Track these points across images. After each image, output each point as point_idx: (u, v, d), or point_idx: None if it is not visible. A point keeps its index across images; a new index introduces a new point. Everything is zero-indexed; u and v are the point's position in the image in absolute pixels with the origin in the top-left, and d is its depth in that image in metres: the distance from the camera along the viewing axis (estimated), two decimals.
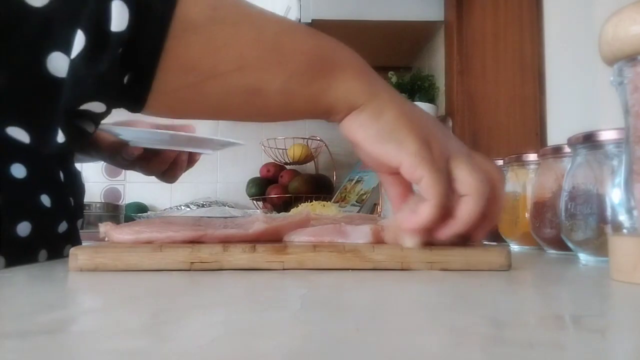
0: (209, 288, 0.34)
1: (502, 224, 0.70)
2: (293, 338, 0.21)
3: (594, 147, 0.50)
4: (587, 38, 0.81)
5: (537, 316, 0.27)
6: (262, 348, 0.19)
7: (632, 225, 0.39)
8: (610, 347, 0.21)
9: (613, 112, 0.45)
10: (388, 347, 0.19)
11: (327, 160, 2.17)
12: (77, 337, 0.22)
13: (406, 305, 0.29)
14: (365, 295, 0.31)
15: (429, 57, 1.73)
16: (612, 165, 0.48)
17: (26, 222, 0.58)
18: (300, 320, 0.24)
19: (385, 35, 1.64)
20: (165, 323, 0.24)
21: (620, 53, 0.38)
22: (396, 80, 1.60)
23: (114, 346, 0.20)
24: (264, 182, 2.09)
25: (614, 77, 0.40)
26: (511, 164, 0.70)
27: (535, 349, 0.20)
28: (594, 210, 0.49)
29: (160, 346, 0.20)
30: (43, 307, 0.27)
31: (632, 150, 0.39)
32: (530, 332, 0.23)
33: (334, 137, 2.23)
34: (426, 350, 0.20)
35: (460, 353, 0.19)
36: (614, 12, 0.38)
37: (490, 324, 0.24)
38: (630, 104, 0.39)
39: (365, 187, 1.87)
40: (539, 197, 0.61)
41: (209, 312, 0.27)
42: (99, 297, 0.32)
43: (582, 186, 0.50)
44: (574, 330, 0.23)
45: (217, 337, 0.21)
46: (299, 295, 0.30)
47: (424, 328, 0.23)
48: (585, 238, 0.49)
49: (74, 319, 0.25)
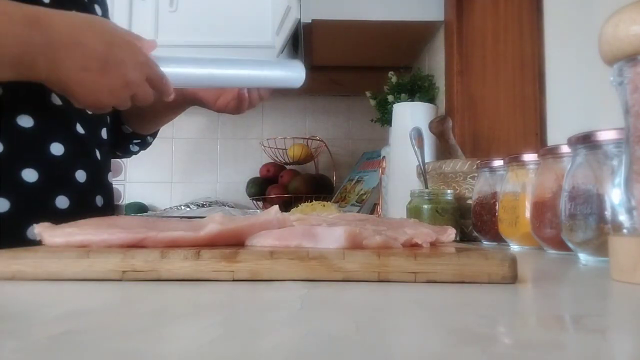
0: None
1: (502, 224, 0.70)
2: (293, 338, 0.21)
3: (594, 147, 0.50)
4: (587, 38, 0.80)
5: (537, 316, 0.27)
6: (262, 348, 0.19)
7: (632, 225, 0.39)
8: (610, 347, 0.21)
9: (613, 112, 0.45)
10: (388, 347, 0.19)
11: (327, 160, 2.17)
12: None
13: (406, 305, 0.29)
14: (365, 295, 0.31)
15: (429, 57, 1.73)
16: (612, 165, 0.48)
17: (64, 195, 0.66)
18: (300, 320, 0.24)
19: (385, 35, 1.63)
20: (165, 324, 0.24)
21: (620, 53, 0.38)
22: (396, 80, 1.60)
23: None
24: (264, 182, 2.09)
25: (614, 77, 0.40)
26: (511, 164, 0.70)
27: (535, 349, 0.20)
28: (594, 210, 0.49)
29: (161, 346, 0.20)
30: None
31: (632, 150, 0.39)
32: (530, 332, 0.23)
33: (334, 137, 2.23)
34: (426, 350, 0.20)
35: (460, 353, 0.19)
36: (614, 12, 0.38)
37: (490, 324, 0.24)
38: (630, 104, 0.39)
39: (365, 187, 1.87)
40: (539, 197, 0.61)
41: (209, 312, 0.27)
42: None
43: (582, 186, 0.50)
44: (574, 330, 0.23)
45: (216, 337, 0.21)
46: (299, 295, 0.30)
47: (423, 328, 0.23)
48: (585, 238, 0.49)
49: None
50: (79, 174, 0.69)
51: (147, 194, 2.16)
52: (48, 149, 0.66)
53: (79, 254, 0.35)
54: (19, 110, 0.64)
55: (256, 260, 0.35)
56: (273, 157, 2.09)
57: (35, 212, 0.63)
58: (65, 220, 0.43)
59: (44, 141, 0.65)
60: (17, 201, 0.63)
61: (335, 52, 1.79)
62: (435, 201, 0.87)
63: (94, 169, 0.72)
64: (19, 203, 0.63)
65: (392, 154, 1.48)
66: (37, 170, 0.64)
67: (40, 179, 0.64)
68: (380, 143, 1.84)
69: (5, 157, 0.62)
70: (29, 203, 0.64)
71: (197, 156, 2.22)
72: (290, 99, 2.25)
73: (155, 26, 1.90)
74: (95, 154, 0.73)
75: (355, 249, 0.37)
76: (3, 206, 0.62)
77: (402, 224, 0.53)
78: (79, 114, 0.69)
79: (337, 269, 0.35)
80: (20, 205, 0.63)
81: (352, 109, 2.24)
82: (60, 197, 0.66)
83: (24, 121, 0.64)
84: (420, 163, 0.98)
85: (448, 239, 0.50)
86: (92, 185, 0.71)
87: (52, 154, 0.66)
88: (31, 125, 0.64)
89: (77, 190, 0.68)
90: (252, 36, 1.89)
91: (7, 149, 0.63)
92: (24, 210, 0.63)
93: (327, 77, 2.05)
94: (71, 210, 0.66)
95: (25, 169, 0.64)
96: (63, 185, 0.67)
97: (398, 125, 1.47)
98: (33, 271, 0.35)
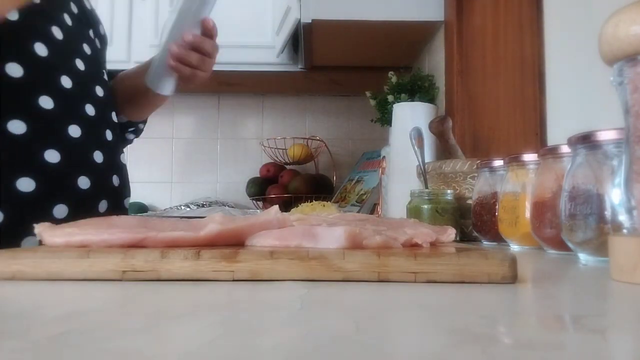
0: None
1: (502, 224, 0.70)
2: (293, 338, 0.21)
3: (594, 147, 0.50)
4: (587, 38, 0.80)
5: (537, 316, 0.27)
6: (262, 348, 0.19)
7: (632, 225, 0.39)
8: (610, 347, 0.21)
9: (613, 112, 0.45)
10: (388, 347, 0.19)
11: (327, 160, 2.17)
12: None
13: (406, 305, 0.29)
14: (365, 295, 0.31)
15: (429, 57, 1.73)
16: (612, 165, 0.48)
17: (84, 176, 0.71)
18: (300, 320, 0.24)
19: (385, 35, 1.63)
20: (165, 324, 0.24)
21: (620, 53, 0.38)
22: (396, 80, 1.60)
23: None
24: (264, 182, 2.09)
25: (614, 77, 0.40)
26: (511, 164, 0.70)
27: (535, 349, 0.20)
28: (594, 210, 0.49)
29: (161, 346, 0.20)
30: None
31: (632, 150, 0.39)
32: (530, 332, 0.23)
33: (334, 137, 2.23)
34: (426, 350, 0.20)
35: (460, 353, 0.19)
36: (614, 12, 0.38)
37: (490, 324, 0.24)
38: (630, 104, 0.39)
39: (365, 187, 1.87)
40: (539, 197, 0.61)
41: (209, 312, 0.27)
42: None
43: (582, 186, 0.50)
44: (574, 330, 0.23)
45: (216, 337, 0.21)
46: (299, 295, 0.30)
47: (423, 328, 0.23)
48: (585, 238, 0.49)
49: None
50: (96, 154, 0.73)
51: (147, 194, 2.16)
52: (66, 131, 0.69)
53: (79, 254, 0.35)
54: (39, 92, 0.68)
55: (256, 260, 0.35)
56: (273, 157, 2.09)
57: (59, 193, 0.67)
58: (88, 201, 0.47)
59: (63, 124, 0.70)
60: (41, 181, 0.66)
61: (335, 52, 1.79)
62: (435, 201, 0.87)
63: (108, 149, 0.76)
64: (42, 183, 0.67)
65: (392, 154, 1.48)
66: (58, 151, 0.68)
67: (62, 161, 0.68)
68: (380, 143, 1.84)
69: (28, 139, 0.66)
70: (53, 183, 0.67)
71: (197, 156, 2.22)
72: (290, 99, 2.25)
73: (155, 26, 1.90)
74: (106, 136, 0.76)
75: (355, 249, 0.37)
76: (29, 186, 0.65)
77: (402, 224, 0.53)
78: (89, 96, 0.74)
79: (337, 269, 0.34)
80: (44, 185, 0.66)
81: (352, 109, 2.24)
82: (82, 177, 0.70)
83: (44, 102, 0.68)
84: (420, 163, 0.98)
85: (448, 239, 0.50)
86: (109, 165, 0.75)
87: (71, 135, 0.70)
88: (51, 107, 0.68)
89: (96, 171, 0.72)
90: (252, 36, 1.89)
91: (30, 131, 0.66)
92: (48, 191, 0.67)
93: (327, 77, 2.05)
94: (92, 191, 0.71)
95: (47, 149, 0.67)
96: (83, 167, 0.71)
97: (398, 125, 1.47)
98: (33, 271, 0.35)
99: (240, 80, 2.05)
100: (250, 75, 1.95)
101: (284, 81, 2.05)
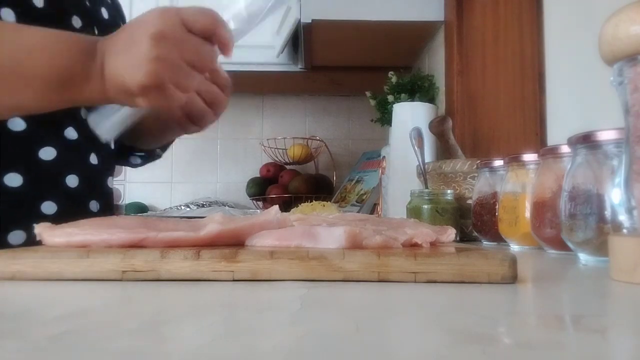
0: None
1: (502, 223, 0.70)
2: (293, 338, 0.21)
3: (594, 147, 0.50)
4: (587, 38, 0.80)
5: (537, 316, 0.27)
6: (262, 348, 0.19)
7: (632, 225, 0.39)
8: (610, 347, 0.21)
9: (613, 112, 0.45)
10: (388, 347, 0.19)
11: (327, 160, 2.17)
12: None
13: (406, 305, 0.29)
14: (365, 295, 0.31)
15: (429, 57, 1.73)
16: (612, 165, 0.48)
17: (74, 174, 0.68)
18: (300, 320, 0.24)
19: (385, 35, 1.63)
20: (165, 324, 0.24)
21: (620, 53, 0.38)
22: (396, 80, 1.60)
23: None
24: (264, 182, 2.09)
25: (614, 77, 0.40)
26: (511, 164, 0.70)
27: (535, 349, 0.20)
28: (594, 210, 0.49)
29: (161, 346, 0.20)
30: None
31: (632, 150, 0.39)
32: (530, 332, 0.23)
33: (334, 137, 2.23)
34: (426, 350, 0.20)
35: (460, 353, 0.19)
36: (614, 12, 0.38)
37: (490, 324, 0.24)
38: (630, 104, 0.39)
39: (365, 187, 1.87)
40: (539, 197, 0.61)
41: (209, 312, 0.27)
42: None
43: (582, 186, 0.50)
44: (574, 330, 0.23)
45: (216, 337, 0.21)
46: (299, 295, 0.30)
47: (423, 328, 0.23)
48: (585, 238, 0.49)
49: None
50: (69, 179, 0.68)
51: (147, 194, 2.16)
52: (37, 154, 0.65)
53: (79, 254, 0.35)
54: None
55: (256, 260, 0.35)
56: (273, 157, 2.09)
57: (20, 217, 0.63)
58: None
59: (34, 145, 0.65)
60: (30, 177, 0.64)
61: (335, 52, 1.79)
62: (435, 201, 0.87)
63: (89, 174, 0.71)
64: (31, 179, 0.64)
65: (392, 154, 1.48)
66: (22, 174, 0.64)
67: (25, 184, 0.64)
68: (380, 143, 1.84)
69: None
70: (14, 208, 0.63)
71: (197, 156, 2.22)
72: (291, 99, 2.25)
73: None
74: (90, 159, 0.72)
75: (355, 249, 0.37)
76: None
77: (402, 224, 0.53)
78: (71, 118, 0.69)
79: (337, 269, 0.34)
80: (2, 209, 0.63)
81: (352, 109, 2.25)
82: (47, 202, 0.65)
83: (14, 125, 0.64)
84: (420, 163, 0.98)
85: (448, 239, 0.50)
86: (86, 190, 0.71)
87: (42, 158, 0.65)
88: (23, 129, 0.64)
89: (67, 196, 0.68)
90: (252, 36, 1.88)
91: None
92: (8, 215, 0.63)
93: (327, 77, 2.05)
94: (58, 216, 0.65)
95: (9, 173, 0.63)
96: (50, 190, 0.66)
97: (398, 125, 1.47)
98: (33, 271, 0.35)
99: (240, 80, 2.05)
100: (250, 75, 1.95)
101: (284, 81, 2.05)
